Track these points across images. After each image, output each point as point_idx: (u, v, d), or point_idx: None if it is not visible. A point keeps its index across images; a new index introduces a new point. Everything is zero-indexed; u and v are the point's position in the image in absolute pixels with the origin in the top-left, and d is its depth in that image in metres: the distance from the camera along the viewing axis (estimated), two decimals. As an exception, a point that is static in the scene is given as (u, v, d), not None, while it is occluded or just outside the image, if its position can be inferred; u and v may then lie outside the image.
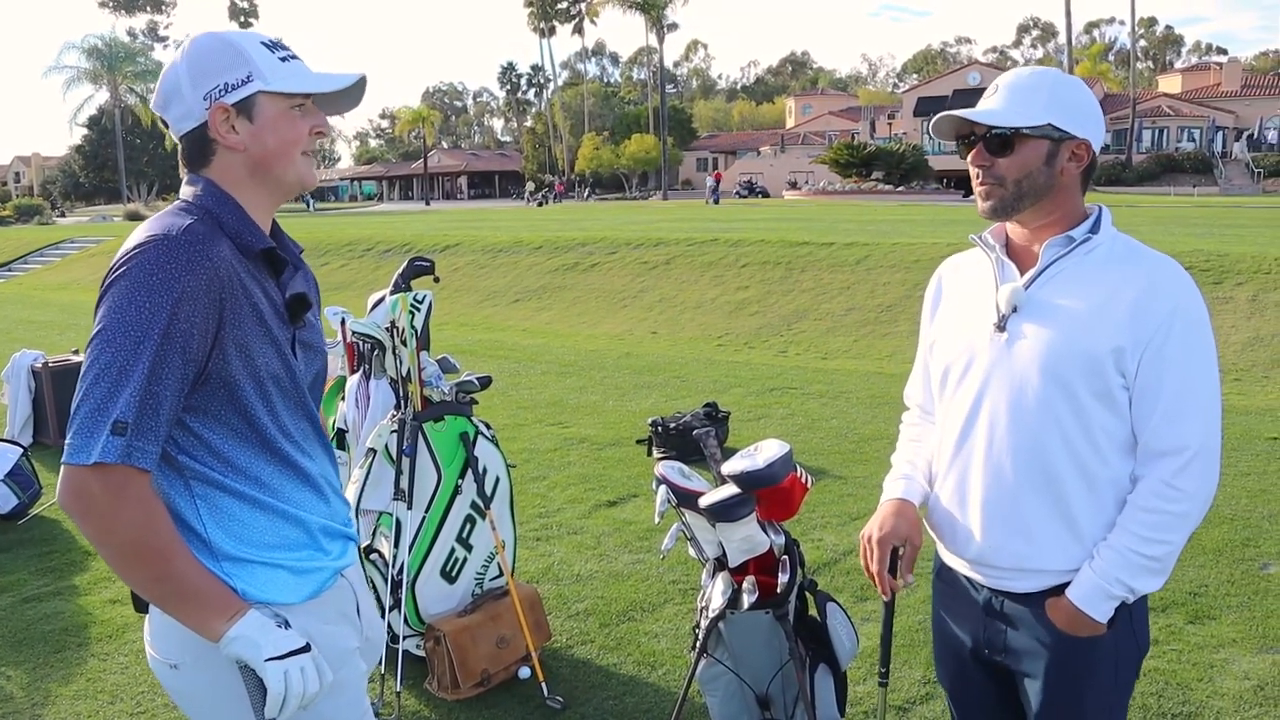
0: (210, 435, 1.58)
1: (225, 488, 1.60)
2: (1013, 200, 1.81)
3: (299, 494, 1.68)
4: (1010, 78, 1.83)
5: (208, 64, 1.59)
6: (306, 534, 1.68)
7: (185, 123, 1.61)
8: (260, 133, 1.61)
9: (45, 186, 69.74)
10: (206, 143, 1.61)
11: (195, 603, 1.54)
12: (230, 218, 1.60)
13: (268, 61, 1.61)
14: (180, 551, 1.53)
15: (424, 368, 3.57)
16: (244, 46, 1.60)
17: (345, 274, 18.02)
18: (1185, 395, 1.72)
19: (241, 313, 1.54)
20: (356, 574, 1.86)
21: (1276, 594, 4.20)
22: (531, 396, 8.61)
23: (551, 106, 75.63)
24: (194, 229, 1.53)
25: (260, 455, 1.62)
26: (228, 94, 1.58)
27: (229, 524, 1.61)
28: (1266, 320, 9.87)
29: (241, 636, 1.54)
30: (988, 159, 1.80)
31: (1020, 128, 1.76)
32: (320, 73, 1.67)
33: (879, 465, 6.15)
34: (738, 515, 2.54)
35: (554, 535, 5.15)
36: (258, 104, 1.60)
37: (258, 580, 1.62)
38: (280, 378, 1.62)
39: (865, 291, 12.58)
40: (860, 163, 41.49)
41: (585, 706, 3.41)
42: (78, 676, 3.71)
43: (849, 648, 2.72)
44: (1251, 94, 50.59)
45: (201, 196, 1.61)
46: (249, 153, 1.61)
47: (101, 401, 1.45)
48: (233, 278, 1.53)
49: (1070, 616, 1.80)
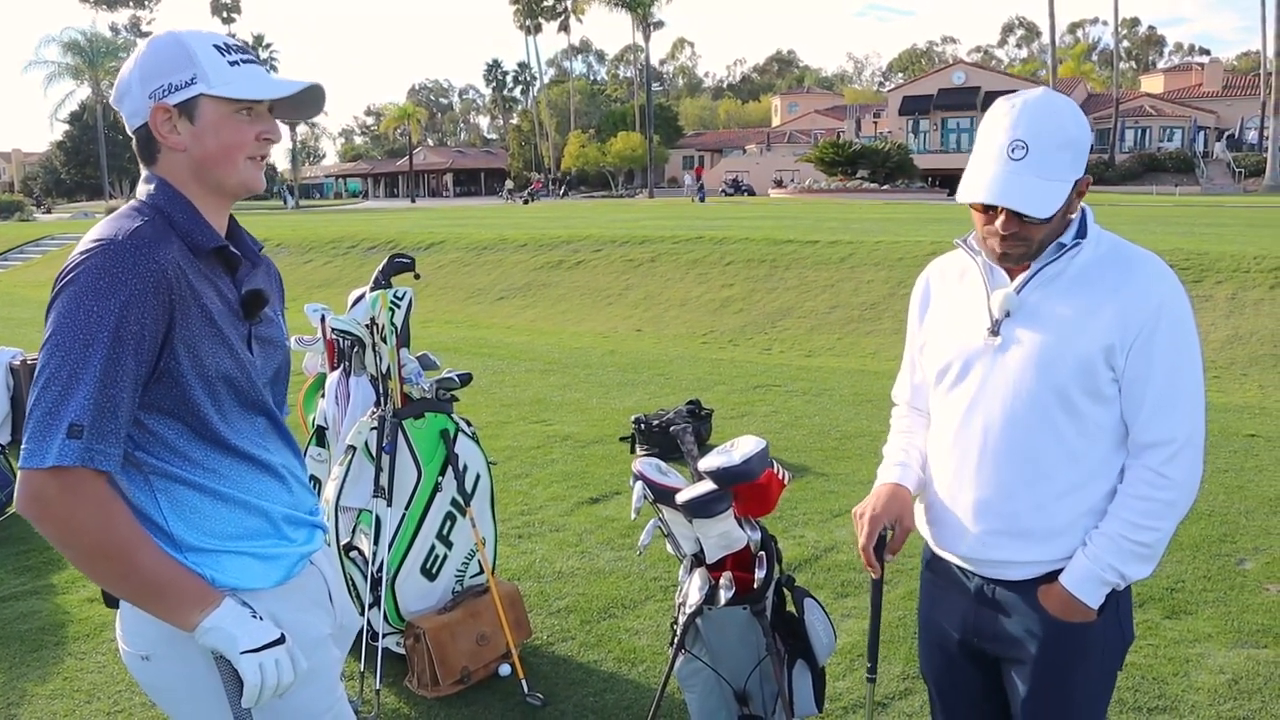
0: (165, 431, 1.59)
1: (184, 481, 1.61)
2: (1035, 253, 1.84)
3: (259, 484, 1.69)
4: (1033, 128, 1.74)
5: (156, 64, 1.60)
6: (269, 523, 1.70)
7: (134, 120, 1.63)
8: (201, 135, 1.61)
9: (26, 183, 69.12)
10: (152, 141, 1.63)
11: (166, 596, 1.55)
12: (181, 216, 1.61)
13: (215, 64, 1.61)
14: (144, 546, 1.54)
15: (404, 364, 3.56)
16: (194, 48, 1.61)
17: (329, 271, 17.95)
18: (1172, 388, 1.78)
19: (190, 314, 1.55)
20: (327, 560, 1.87)
21: (1252, 589, 4.24)
22: (515, 394, 8.60)
23: (537, 104, 75.51)
24: (140, 232, 1.54)
25: (214, 449, 1.63)
26: (170, 94, 1.59)
27: (190, 516, 1.62)
28: (1245, 318, 9.96)
29: (217, 628, 1.55)
30: (1020, 226, 1.78)
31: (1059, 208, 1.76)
32: (272, 78, 1.67)
33: (861, 462, 6.18)
34: (715, 511, 2.54)
35: (536, 532, 5.15)
36: (200, 106, 1.60)
37: (225, 568, 1.63)
38: (232, 377, 1.63)
39: (849, 289, 12.62)
40: (845, 161, 41.56)
41: (565, 703, 3.41)
42: (54, 675, 3.68)
43: (826, 643, 2.73)
44: (1233, 94, 51.02)
45: (154, 195, 1.63)
46: (190, 154, 1.62)
47: (53, 405, 1.46)
48: (180, 279, 1.54)
49: (1063, 602, 1.84)
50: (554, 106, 74.01)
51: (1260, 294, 10.38)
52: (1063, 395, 1.80)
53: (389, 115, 70.21)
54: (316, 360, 4.22)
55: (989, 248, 1.86)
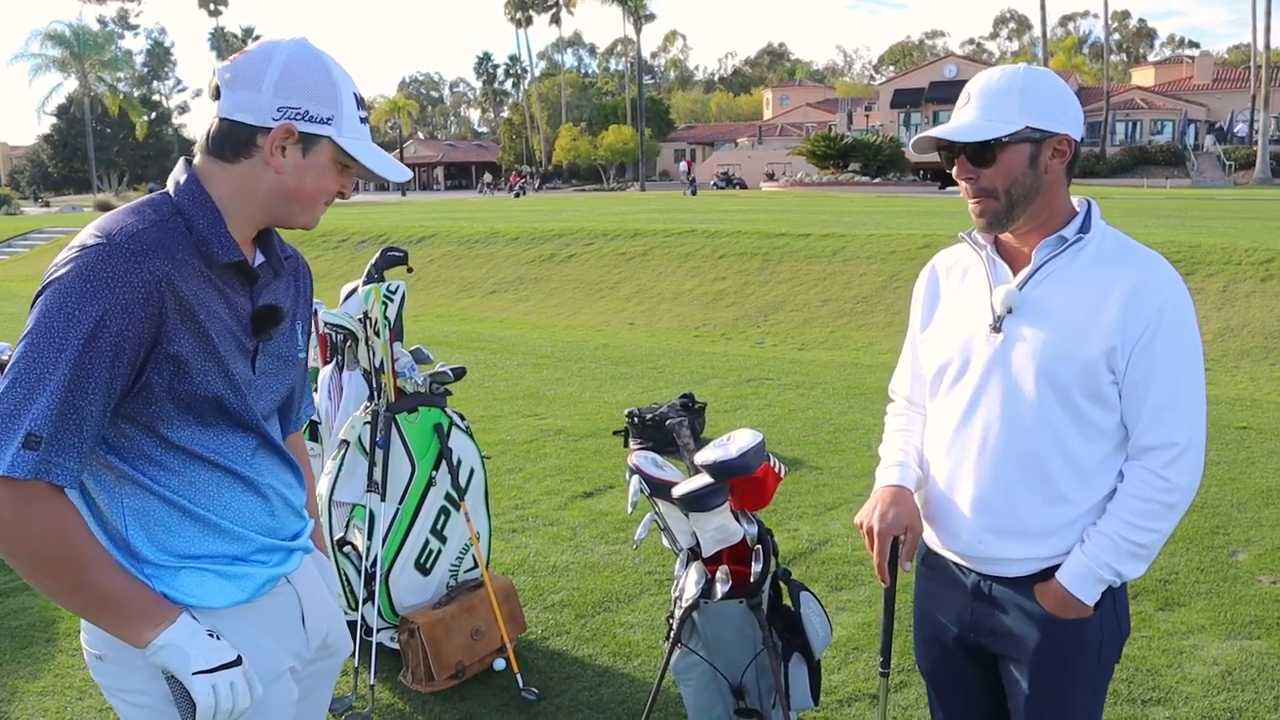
0: (141, 439, 1.51)
1: (154, 492, 1.53)
2: (1005, 210, 1.81)
3: (237, 502, 1.61)
4: (980, 84, 1.81)
5: (302, 82, 1.52)
6: (239, 544, 1.61)
7: (242, 114, 1.51)
8: (304, 171, 1.55)
9: (13, 176, 68.67)
10: (251, 145, 1.52)
11: (117, 611, 1.48)
12: (203, 223, 1.52)
13: (350, 115, 1.57)
14: (96, 560, 1.46)
15: (398, 359, 3.54)
16: (341, 88, 1.55)
17: (320, 265, 17.87)
18: (1173, 392, 1.76)
19: (180, 331, 1.46)
20: (305, 578, 1.76)
21: (1245, 581, 4.25)
22: (508, 388, 8.58)
23: (528, 97, 75.33)
24: (143, 236, 1.44)
25: (192, 463, 1.55)
26: (304, 122, 1.52)
27: (154, 529, 1.54)
28: (1236, 311, 9.99)
29: (169, 645, 1.48)
30: (972, 171, 1.80)
31: (998, 137, 1.76)
32: (387, 157, 1.64)
33: (855, 456, 6.18)
34: (711, 505, 2.53)
35: (530, 527, 5.13)
36: (319, 146, 1.55)
37: (181, 584, 1.55)
38: (221, 397, 1.54)
39: (842, 283, 12.62)
40: (837, 154, 41.59)
41: (560, 698, 3.41)
42: (45, 672, 3.66)
43: (822, 636, 2.72)
44: (1223, 87, 51.17)
45: (181, 193, 1.53)
46: (283, 181, 1.55)
47: (14, 408, 1.38)
48: (176, 291, 1.45)
49: (1059, 599, 1.83)
50: (545, 99, 73.77)
51: (1251, 286, 10.42)
52: (1064, 396, 1.79)
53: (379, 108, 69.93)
54: (309, 355, 4.19)
55: (972, 217, 1.85)
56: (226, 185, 1.55)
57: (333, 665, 1.86)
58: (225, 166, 1.54)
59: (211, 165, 1.55)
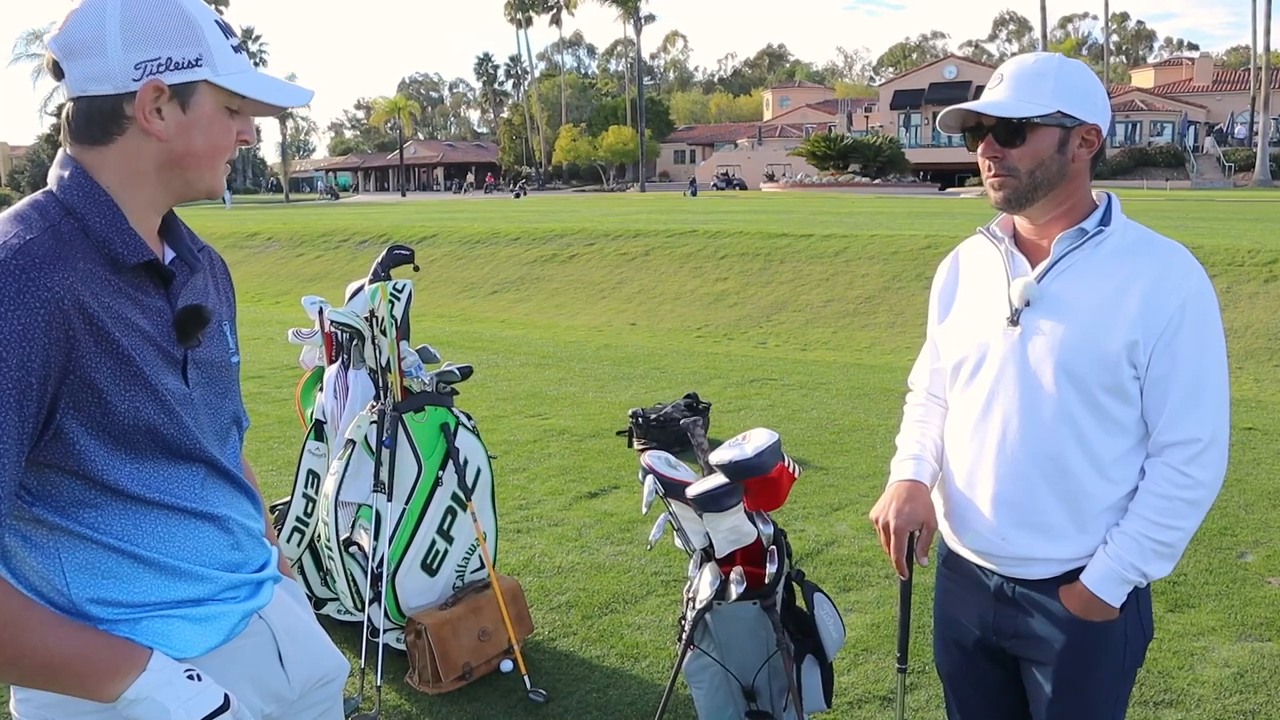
0: (68, 486, 1.28)
1: (95, 541, 1.31)
2: (1027, 191, 1.78)
3: (193, 540, 1.39)
4: (1015, 66, 1.80)
5: (151, 25, 1.27)
6: (204, 588, 1.40)
7: (96, 85, 1.28)
8: (189, 128, 1.32)
9: (13, 176, 68.60)
10: (119, 119, 1.29)
11: (68, 673, 1.26)
12: (100, 222, 1.28)
13: (221, 48, 1.32)
14: (28, 623, 1.24)
15: (404, 358, 3.51)
16: (198, 21, 1.31)
17: (320, 265, 17.86)
18: (1197, 387, 1.73)
19: (93, 354, 1.24)
20: (280, 610, 1.55)
21: (1254, 582, 4.23)
22: (510, 388, 8.56)
23: (528, 98, 75.39)
24: (30, 249, 1.21)
25: (131, 505, 1.32)
26: (170, 71, 1.28)
27: (101, 582, 1.32)
28: (1239, 312, 9.98)
29: (144, 699, 1.28)
30: (999, 150, 1.78)
31: (1030, 117, 1.74)
32: (278, 80, 1.42)
33: (860, 456, 6.16)
34: (725, 505, 2.51)
35: (535, 527, 5.11)
36: (198, 94, 1.31)
37: (144, 634, 1.35)
38: (155, 425, 1.31)
39: (844, 283, 12.61)
40: (837, 155, 41.63)
41: (568, 699, 3.38)
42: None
43: (836, 638, 2.70)
44: (1222, 89, 51.24)
45: (68, 191, 1.29)
46: (170, 146, 1.32)
47: None
48: (83, 308, 1.23)
49: (1084, 601, 1.81)
50: (545, 100, 73.81)
51: (1255, 288, 10.41)
52: (1084, 390, 1.76)
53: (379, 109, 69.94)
54: (315, 354, 4.16)
55: (989, 192, 1.83)
56: (110, 172, 1.31)
57: (331, 691, 1.65)
58: (100, 151, 1.31)
59: (85, 154, 1.31)
